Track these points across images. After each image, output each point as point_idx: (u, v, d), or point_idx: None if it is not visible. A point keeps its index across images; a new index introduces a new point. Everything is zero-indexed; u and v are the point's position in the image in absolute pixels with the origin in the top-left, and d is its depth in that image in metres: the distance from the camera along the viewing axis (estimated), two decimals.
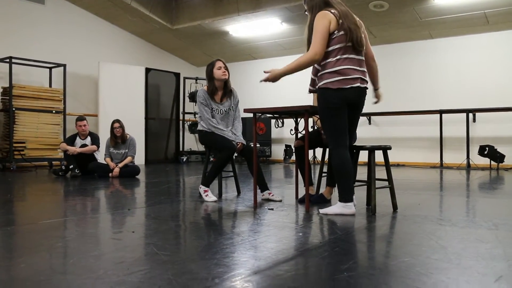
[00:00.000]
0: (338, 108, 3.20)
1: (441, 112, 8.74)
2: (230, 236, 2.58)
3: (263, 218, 3.16)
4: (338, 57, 3.18)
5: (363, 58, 3.31)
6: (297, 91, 10.15)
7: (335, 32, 3.17)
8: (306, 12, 3.40)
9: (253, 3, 9.02)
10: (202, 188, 4.16)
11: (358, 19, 3.32)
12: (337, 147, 3.26)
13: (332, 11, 3.20)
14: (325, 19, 3.16)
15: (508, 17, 8.06)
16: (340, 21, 3.17)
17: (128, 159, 6.82)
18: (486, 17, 8.14)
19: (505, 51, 8.56)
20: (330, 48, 3.20)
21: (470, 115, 8.59)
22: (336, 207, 3.26)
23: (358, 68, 3.22)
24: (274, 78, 3.36)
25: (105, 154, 6.95)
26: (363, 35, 3.26)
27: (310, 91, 3.59)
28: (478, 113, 8.61)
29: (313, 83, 3.47)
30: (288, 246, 2.34)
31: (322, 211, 3.31)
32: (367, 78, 3.36)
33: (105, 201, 4.23)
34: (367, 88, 3.33)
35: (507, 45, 8.54)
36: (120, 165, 6.71)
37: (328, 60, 3.21)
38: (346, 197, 3.23)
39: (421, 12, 8.21)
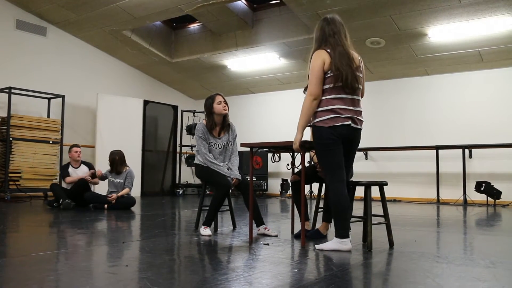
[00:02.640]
0: (332, 144, 3.23)
1: (437, 147, 8.78)
2: (225, 271, 2.55)
3: (258, 253, 3.12)
4: (331, 96, 3.24)
5: (359, 98, 3.36)
6: (294, 125, 10.22)
7: (328, 72, 3.23)
8: None
9: (251, 38, 9.17)
10: (203, 227, 4.10)
11: (357, 58, 3.36)
12: (333, 182, 3.26)
13: (328, 50, 3.26)
14: (319, 59, 3.24)
15: (501, 55, 8.20)
16: (332, 60, 3.22)
17: (125, 190, 6.81)
18: (480, 55, 8.27)
19: (499, 88, 8.66)
20: (325, 87, 3.26)
21: (466, 151, 8.62)
22: (332, 243, 3.24)
23: (351, 107, 3.26)
24: (296, 143, 3.33)
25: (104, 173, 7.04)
26: (357, 77, 3.29)
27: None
28: (474, 149, 8.65)
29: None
30: (283, 283, 2.31)
31: (318, 246, 3.28)
32: (362, 118, 3.38)
33: (99, 234, 4.19)
34: (360, 129, 3.36)
35: (501, 83, 8.65)
36: (119, 194, 6.70)
37: (322, 98, 3.26)
38: (342, 233, 3.21)
39: (417, 49, 8.35)
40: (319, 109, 3.25)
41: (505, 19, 7.05)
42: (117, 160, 6.91)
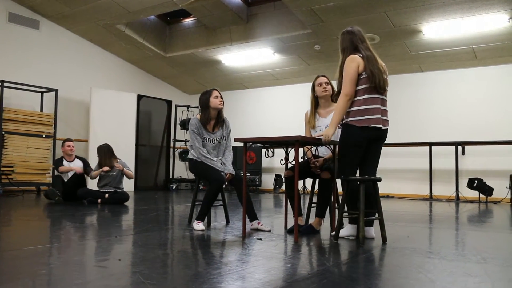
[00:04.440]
0: (358, 145, 3.49)
1: (430, 144, 8.81)
2: (218, 265, 2.55)
3: (251, 248, 3.13)
4: (365, 96, 3.48)
5: (386, 99, 3.61)
6: (288, 120, 10.22)
7: (363, 73, 3.47)
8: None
9: (246, 33, 9.14)
10: (196, 221, 4.10)
11: (383, 64, 3.62)
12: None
13: (360, 55, 3.52)
14: (353, 63, 3.48)
15: (495, 52, 8.23)
16: (366, 64, 3.47)
17: (131, 173, 6.98)
18: (474, 52, 8.30)
19: (492, 85, 8.70)
20: (358, 88, 3.48)
21: (459, 148, 8.66)
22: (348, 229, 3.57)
23: (380, 106, 3.52)
24: (329, 137, 3.52)
25: (94, 168, 7.00)
26: (385, 80, 3.55)
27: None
28: (467, 146, 8.69)
29: None
30: (276, 277, 2.31)
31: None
32: (388, 117, 3.61)
33: (92, 228, 4.18)
34: (387, 128, 3.61)
35: (494, 80, 8.69)
36: (126, 171, 6.90)
37: (356, 99, 3.50)
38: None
39: (411, 45, 8.36)
40: (354, 108, 3.50)
41: (499, 17, 7.07)
42: (107, 155, 6.86)
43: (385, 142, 3.70)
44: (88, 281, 2.17)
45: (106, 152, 6.86)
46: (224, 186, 4.28)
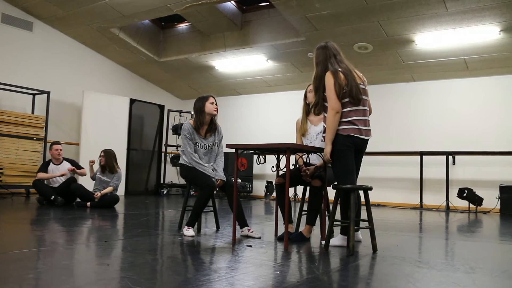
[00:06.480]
0: (346, 150, 3.57)
1: (421, 153, 8.85)
2: (207, 272, 2.54)
3: (241, 255, 3.12)
4: (348, 108, 3.58)
5: (367, 108, 3.70)
6: (281, 127, 10.24)
7: (344, 87, 3.54)
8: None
9: (240, 40, 9.16)
10: (186, 227, 4.09)
11: (360, 74, 3.72)
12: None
13: (340, 70, 3.58)
14: (333, 79, 3.55)
15: (486, 64, 8.30)
16: (347, 77, 3.56)
17: (109, 189, 6.77)
18: (465, 63, 8.37)
19: (483, 96, 8.76)
20: (343, 101, 3.57)
21: (450, 157, 8.70)
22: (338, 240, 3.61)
23: (362, 118, 3.63)
24: (327, 155, 3.60)
25: (95, 171, 7.06)
26: (360, 89, 3.61)
27: None
28: (458, 156, 8.74)
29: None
30: (265, 285, 2.31)
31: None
32: (370, 126, 3.70)
33: (82, 232, 4.15)
34: (369, 139, 3.71)
35: (486, 91, 8.75)
36: (102, 192, 6.66)
37: (342, 111, 3.58)
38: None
39: (404, 55, 8.42)
40: (340, 120, 3.59)
41: (490, 29, 7.14)
42: (108, 158, 6.93)
43: (376, 151, 3.78)
44: (76, 286, 2.16)
45: (114, 157, 7.00)
46: (215, 192, 4.28)
